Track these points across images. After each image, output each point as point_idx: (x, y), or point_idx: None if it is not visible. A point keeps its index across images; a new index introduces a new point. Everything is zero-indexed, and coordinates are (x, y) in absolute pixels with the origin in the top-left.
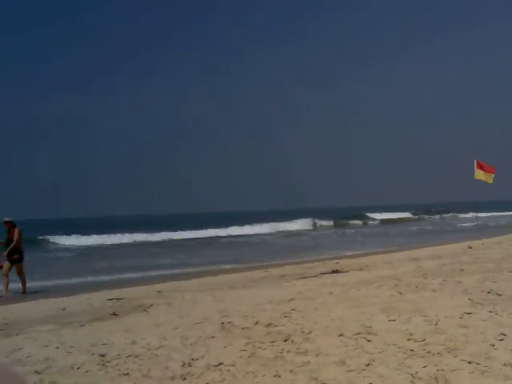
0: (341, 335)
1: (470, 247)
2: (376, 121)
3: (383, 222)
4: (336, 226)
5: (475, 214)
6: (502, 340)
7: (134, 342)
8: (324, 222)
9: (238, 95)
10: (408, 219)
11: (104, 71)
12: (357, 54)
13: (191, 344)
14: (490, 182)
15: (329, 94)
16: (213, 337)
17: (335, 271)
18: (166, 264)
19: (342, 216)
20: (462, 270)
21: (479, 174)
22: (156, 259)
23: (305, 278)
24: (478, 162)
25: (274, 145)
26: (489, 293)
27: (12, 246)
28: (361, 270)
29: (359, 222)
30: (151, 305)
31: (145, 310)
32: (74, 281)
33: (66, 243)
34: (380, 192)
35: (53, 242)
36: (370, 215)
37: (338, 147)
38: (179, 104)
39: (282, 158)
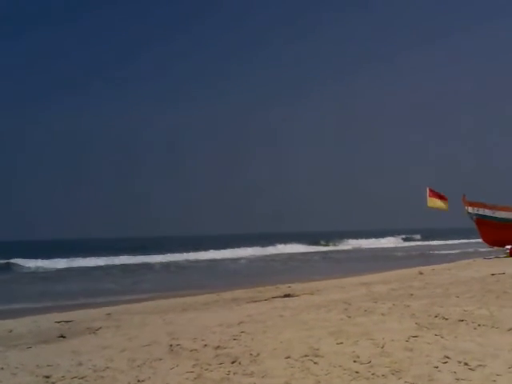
0: (288, 357)
1: (421, 273)
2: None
3: (362, 247)
4: (300, 252)
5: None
6: (445, 363)
7: (80, 364)
8: (290, 247)
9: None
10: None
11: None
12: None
13: (138, 366)
14: (446, 209)
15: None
16: (160, 359)
17: (287, 295)
18: (121, 287)
19: (313, 241)
20: (411, 294)
21: (432, 202)
22: (113, 282)
23: (256, 301)
24: (430, 190)
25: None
26: (436, 317)
27: None
28: (312, 294)
29: (327, 248)
30: (100, 327)
31: (93, 333)
32: (26, 304)
33: (31, 266)
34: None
35: (16, 265)
36: (350, 241)
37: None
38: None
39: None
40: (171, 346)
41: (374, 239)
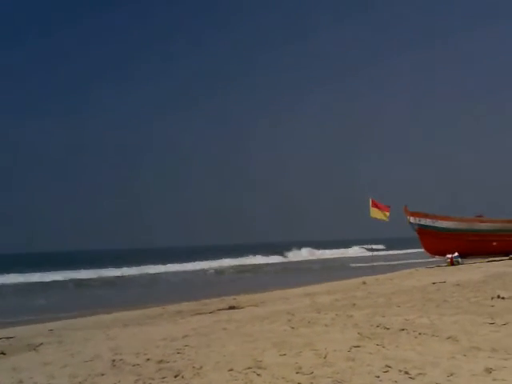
0: (231, 370)
1: (364, 283)
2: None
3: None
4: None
5: (371, 252)
6: (386, 372)
7: (20, 381)
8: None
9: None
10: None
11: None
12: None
13: (80, 382)
14: (387, 219)
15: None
16: (102, 374)
17: (232, 307)
18: (68, 302)
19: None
20: (354, 304)
21: (374, 212)
22: (61, 297)
23: (201, 314)
24: (372, 201)
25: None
26: (377, 326)
27: None
28: (257, 305)
29: (284, 259)
30: (41, 343)
31: (34, 349)
32: None
33: None
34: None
35: None
36: (311, 251)
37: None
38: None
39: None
40: (114, 361)
41: (336, 249)
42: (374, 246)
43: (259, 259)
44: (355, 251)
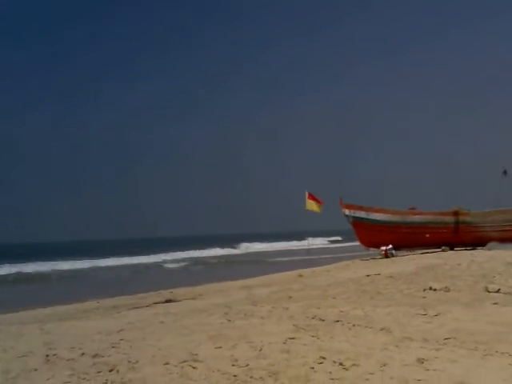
0: (167, 364)
1: (301, 275)
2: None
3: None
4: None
5: (307, 243)
6: (321, 363)
7: None
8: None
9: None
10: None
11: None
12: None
13: (12, 378)
14: (319, 211)
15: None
16: (36, 369)
17: (169, 300)
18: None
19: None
20: (291, 297)
21: (310, 205)
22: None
23: (137, 308)
24: (309, 194)
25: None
26: (313, 318)
27: None
28: (194, 298)
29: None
30: None
31: None
32: None
33: None
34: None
35: None
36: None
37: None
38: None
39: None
40: (47, 355)
41: (287, 242)
42: (333, 238)
43: (210, 252)
44: (307, 243)
